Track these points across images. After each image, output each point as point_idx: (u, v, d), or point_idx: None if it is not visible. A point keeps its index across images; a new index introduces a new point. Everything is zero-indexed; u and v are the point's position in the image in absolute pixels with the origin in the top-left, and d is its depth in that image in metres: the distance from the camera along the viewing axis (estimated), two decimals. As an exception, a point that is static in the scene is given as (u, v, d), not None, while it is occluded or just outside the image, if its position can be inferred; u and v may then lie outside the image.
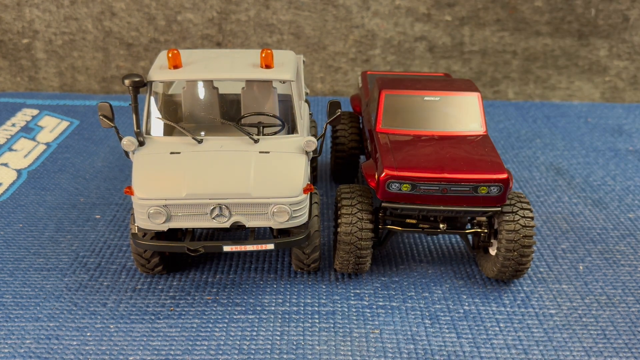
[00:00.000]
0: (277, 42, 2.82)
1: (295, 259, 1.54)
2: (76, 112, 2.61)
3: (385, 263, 1.64)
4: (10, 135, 2.35)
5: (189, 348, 1.34)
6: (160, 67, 1.52)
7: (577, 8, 2.74)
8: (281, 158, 1.43)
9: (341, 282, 1.57)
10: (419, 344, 1.37)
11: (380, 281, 1.57)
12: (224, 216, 1.39)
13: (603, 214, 1.91)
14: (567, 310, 1.49)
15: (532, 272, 1.62)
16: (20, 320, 1.42)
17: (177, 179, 1.37)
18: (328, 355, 1.33)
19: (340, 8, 2.73)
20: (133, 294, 1.50)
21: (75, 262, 1.62)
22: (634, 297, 1.54)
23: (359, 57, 2.84)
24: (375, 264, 1.63)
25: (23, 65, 2.86)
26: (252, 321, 1.43)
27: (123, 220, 1.82)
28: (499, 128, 2.54)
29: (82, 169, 2.13)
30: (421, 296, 1.52)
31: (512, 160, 2.25)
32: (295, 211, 1.40)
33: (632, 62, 2.86)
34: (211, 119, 1.66)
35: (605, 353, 1.36)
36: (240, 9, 2.74)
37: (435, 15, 2.75)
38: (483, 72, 2.88)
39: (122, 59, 2.85)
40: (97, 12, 2.74)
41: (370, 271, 1.61)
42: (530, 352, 1.36)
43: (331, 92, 2.93)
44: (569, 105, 2.83)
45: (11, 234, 1.75)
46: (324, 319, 1.44)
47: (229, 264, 1.62)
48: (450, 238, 1.75)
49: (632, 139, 2.46)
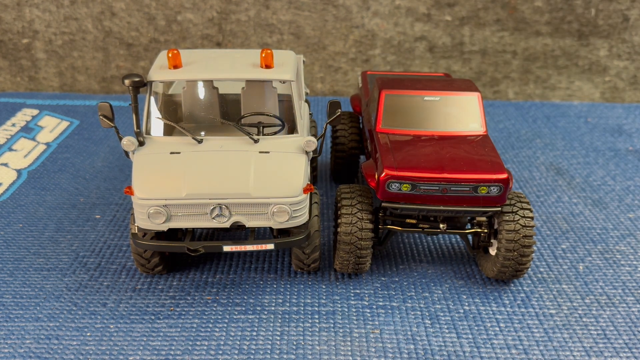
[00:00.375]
0: (277, 42, 2.82)
1: (295, 259, 1.54)
2: (76, 112, 2.61)
3: (385, 263, 1.64)
4: (10, 135, 2.35)
5: (189, 348, 1.34)
6: (160, 67, 1.52)
7: (577, 8, 2.74)
8: (281, 158, 1.43)
9: (341, 282, 1.57)
10: (419, 344, 1.37)
11: (380, 281, 1.57)
12: (224, 216, 1.39)
13: (603, 214, 1.91)
14: (567, 310, 1.49)
15: (532, 272, 1.61)
16: (20, 320, 1.42)
17: (177, 179, 1.37)
18: (328, 355, 1.33)
19: (340, 8, 2.73)
20: (133, 294, 1.50)
21: (75, 262, 1.62)
22: (634, 297, 1.54)
23: (359, 57, 2.84)
24: (375, 264, 1.63)
25: (23, 65, 2.86)
26: (252, 321, 1.43)
27: (123, 220, 1.82)
28: (499, 128, 2.54)
29: (82, 169, 2.13)
30: (421, 296, 1.52)
31: (512, 160, 2.25)
32: (295, 211, 1.40)
33: (632, 62, 2.86)
34: (211, 119, 1.66)
35: (606, 353, 1.36)
36: (240, 9, 2.74)
37: (435, 15, 2.75)
38: (483, 72, 2.88)
39: (122, 59, 2.85)
40: (97, 12, 2.74)
41: (370, 271, 1.61)
42: (530, 352, 1.36)
43: (331, 92, 2.93)
44: (569, 105, 2.83)
45: (11, 234, 1.75)
46: (324, 319, 1.44)
47: (229, 264, 1.62)
48: (450, 238, 1.75)
49: (632, 139, 2.46)
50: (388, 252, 1.69)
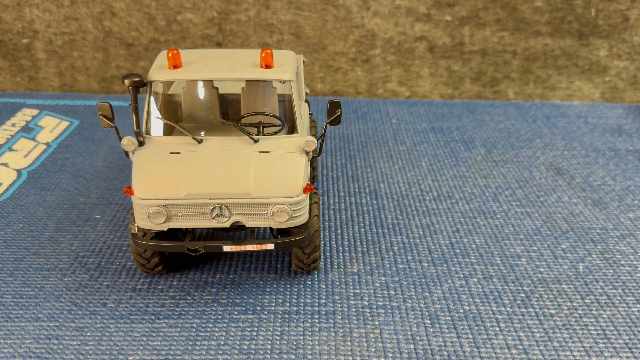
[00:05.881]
0: (277, 42, 2.82)
1: (295, 259, 1.54)
2: (76, 112, 2.61)
3: (385, 263, 1.64)
4: (10, 135, 2.35)
5: (189, 348, 1.34)
6: (160, 67, 1.52)
7: (577, 8, 2.74)
8: (281, 158, 1.43)
9: (341, 282, 1.57)
10: (419, 344, 1.37)
11: (380, 281, 1.57)
12: (224, 216, 1.39)
13: (603, 214, 1.90)
14: (567, 310, 1.49)
15: (532, 272, 1.61)
16: (20, 320, 1.42)
17: (177, 179, 1.37)
18: (328, 355, 1.33)
19: (340, 8, 2.73)
20: (133, 294, 1.50)
21: (75, 262, 1.62)
22: (634, 297, 1.54)
23: (359, 57, 2.84)
24: (375, 264, 1.63)
25: (23, 65, 2.86)
26: (252, 321, 1.43)
27: (123, 220, 1.82)
28: (499, 128, 2.54)
29: (82, 169, 2.13)
30: (421, 296, 1.52)
31: (512, 160, 2.25)
32: (295, 211, 1.40)
33: (632, 62, 2.86)
34: (211, 119, 1.66)
35: (606, 353, 1.36)
36: (240, 9, 2.74)
37: (435, 15, 2.75)
38: (483, 72, 2.88)
39: (122, 59, 2.85)
40: (97, 12, 2.74)
41: (370, 271, 1.61)
42: (530, 352, 1.36)
43: (331, 92, 2.93)
44: (569, 105, 2.82)
45: (11, 234, 1.75)
46: (323, 319, 1.44)
47: (229, 264, 1.62)
48: (450, 238, 1.75)
49: (632, 139, 2.46)
50: (388, 252, 1.69)
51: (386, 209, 1.90)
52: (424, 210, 1.90)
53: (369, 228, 1.80)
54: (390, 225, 1.82)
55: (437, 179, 2.09)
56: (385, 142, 2.37)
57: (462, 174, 2.13)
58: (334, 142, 2.36)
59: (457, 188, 2.03)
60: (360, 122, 2.56)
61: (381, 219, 1.84)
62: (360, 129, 2.49)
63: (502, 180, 2.09)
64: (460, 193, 2.00)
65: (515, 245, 1.73)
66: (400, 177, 2.10)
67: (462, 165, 2.19)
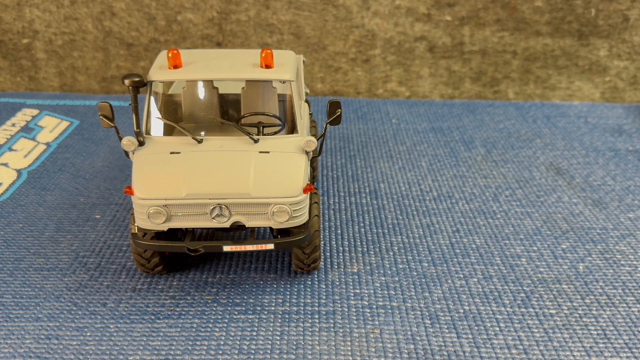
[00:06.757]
0: (277, 42, 2.82)
1: (295, 259, 1.54)
2: (76, 112, 2.61)
3: (385, 263, 1.64)
4: (10, 135, 2.35)
5: (189, 348, 1.34)
6: (160, 67, 1.52)
7: (577, 8, 2.74)
8: (281, 158, 1.43)
9: (341, 282, 1.57)
10: (419, 344, 1.37)
11: (380, 281, 1.57)
12: (224, 216, 1.39)
13: (603, 214, 1.90)
14: (567, 310, 1.49)
15: (532, 272, 1.61)
16: (20, 320, 1.42)
17: (177, 179, 1.37)
18: (328, 355, 1.33)
19: (340, 8, 2.73)
20: (133, 294, 1.50)
21: (75, 262, 1.62)
22: (634, 297, 1.54)
23: (359, 57, 2.84)
24: (375, 264, 1.63)
25: (23, 65, 2.86)
26: (252, 321, 1.43)
27: (123, 220, 1.82)
28: (499, 128, 2.54)
29: (82, 169, 2.13)
30: (421, 296, 1.52)
31: (512, 160, 2.25)
32: (295, 211, 1.40)
33: (632, 62, 2.86)
34: (211, 119, 1.66)
35: (606, 353, 1.36)
36: (240, 9, 2.73)
37: (435, 15, 2.75)
38: (483, 72, 2.88)
39: (122, 59, 2.85)
40: (97, 12, 2.74)
41: (370, 271, 1.61)
42: (530, 352, 1.36)
43: (331, 92, 2.93)
44: (569, 105, 2.82)
45: (11, 234, 1.75)
46: (323, 319, 1.44)
47: (229, 264, 1.62)
48: (450, 238, 1.75)
49: (632, 139, 2.46)
50: (388, 252, 1.69)
51: (386, 209, 1.90)
52: (424, 210, 1.90)
53: (369, 228, 1.80)
54: (390, 225, 1.82)
55: (437, 179, 2.09)
56: (385, 142, 2.37)
57: (462, 174, 2.13)
58: (334, 142, 2.36)
59: (457, 188, 2.03)
60: (360, 122, 2.56)
61: (381, 219, 1.84)
62: (360, 129, 2.49)
63: (502, 180, 2.09)
64: (460, 193, 2.00)
65: (515, 245, 1.73)
66: (400, 177, 2.10)
67: (462, 165, 2.19)
